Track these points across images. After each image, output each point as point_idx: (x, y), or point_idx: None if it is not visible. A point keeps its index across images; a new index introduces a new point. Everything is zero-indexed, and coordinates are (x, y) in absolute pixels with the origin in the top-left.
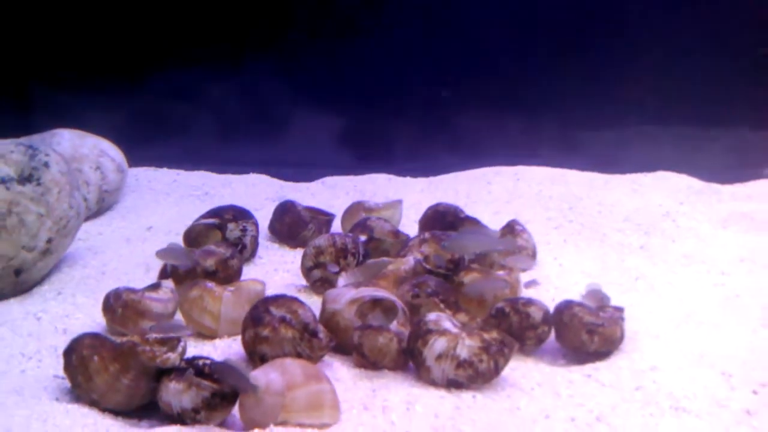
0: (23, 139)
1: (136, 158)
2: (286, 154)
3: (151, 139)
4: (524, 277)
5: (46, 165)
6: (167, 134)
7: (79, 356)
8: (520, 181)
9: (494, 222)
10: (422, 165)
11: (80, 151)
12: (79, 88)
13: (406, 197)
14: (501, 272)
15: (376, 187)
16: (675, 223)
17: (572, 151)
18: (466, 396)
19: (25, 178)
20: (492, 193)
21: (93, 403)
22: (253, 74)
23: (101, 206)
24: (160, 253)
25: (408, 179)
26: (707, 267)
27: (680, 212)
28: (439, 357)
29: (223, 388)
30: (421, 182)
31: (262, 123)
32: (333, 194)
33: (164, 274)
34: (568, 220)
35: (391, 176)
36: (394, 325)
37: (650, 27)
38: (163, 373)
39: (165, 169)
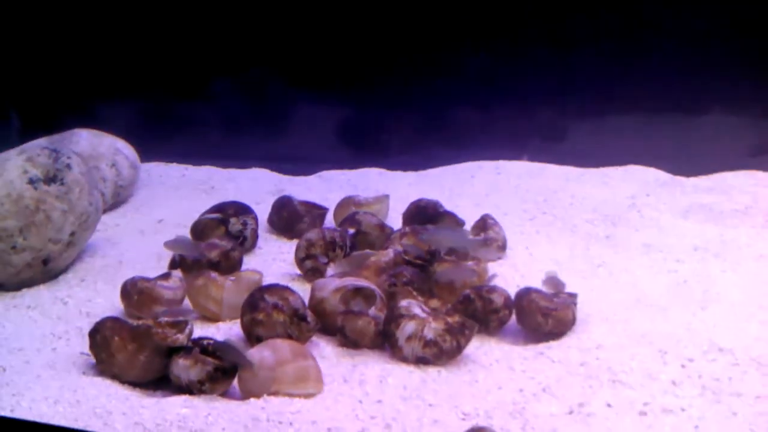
0: (47, 140)
1: (148, 154)
2: (287, 150)
3: (162, 137)
4: (493, 267)
5: (68, 167)
6: (176, 132)
7: (102, 337)
8: (500, 175)
9: (474, 213)
10: (414, 159)
11: (97, 149)
12: (97, 90)
13: (396, 191)
14: (470, 263)
15: (368, 181)
16: (640, 214)
17: (553, 146)
18: (432, 371)
19: (50, 179)
20: (474, 186)
21: (114, 377)
22: (254, 75)
23: (117, 200)
24: (168, 244)
25: (398, 173)
26: (664, 255)
27: (646, 203)
28: (409, 338)
29: (224, 363)
30: (410, 176)
31: (264, 120)
32: (328, 188)
33: (174, 264)
34: (542, 212)
35: (383, 170)
36: (372, 311)
37: (630, 25)
38: (173, 351)
39: (174, 165)
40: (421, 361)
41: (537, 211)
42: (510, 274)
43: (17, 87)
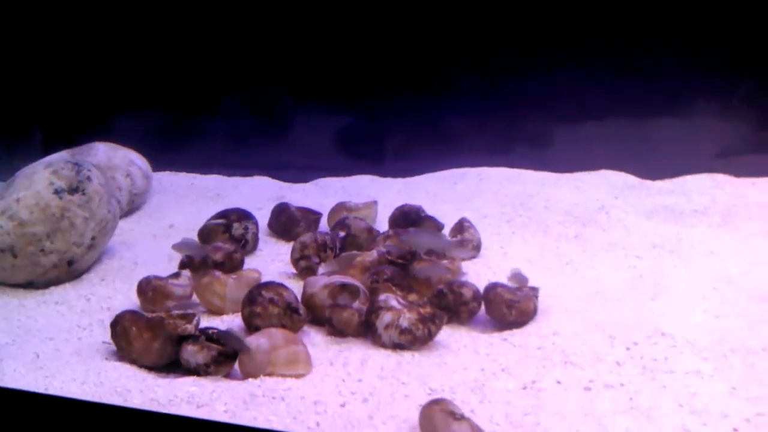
0: (68, 152)
1: (159, 164)
2: (287, 159)
3: (172, 148)
4: (468, 265)
5: (89, 179)
6: (185, 143)
7: (121, 327)
8: (482, 181)
9: (456, 217)
10: (404, 166)
11: (113, 161)
12: (112, 107)
13: (385, 197)
14: (445, 261)
15: (360, 188)
16: (608, 215)
17: (532, 154)
18: (407, 355)
19: (73, 189)
20: (457, 191)
21: (133, 362)
22: (257, 91)
23: (132, 207)
24: (176, 246)
25: (389, 180)
26: (626, 252)
27: (614, 206)
28: (387, 326)
29: (226, 349)
30: (399, 182)
31: (266, 132)
32: (324, 194)
33: (183, 265)
34: (519, 214)
35: (375, 177)
36: (356, 304)
37: (601, 41)
38: (183, 338)
39: (183, 174)
40: (397, 346)
41: (514, 213)
42: (483, 271)
43: (40, 104)
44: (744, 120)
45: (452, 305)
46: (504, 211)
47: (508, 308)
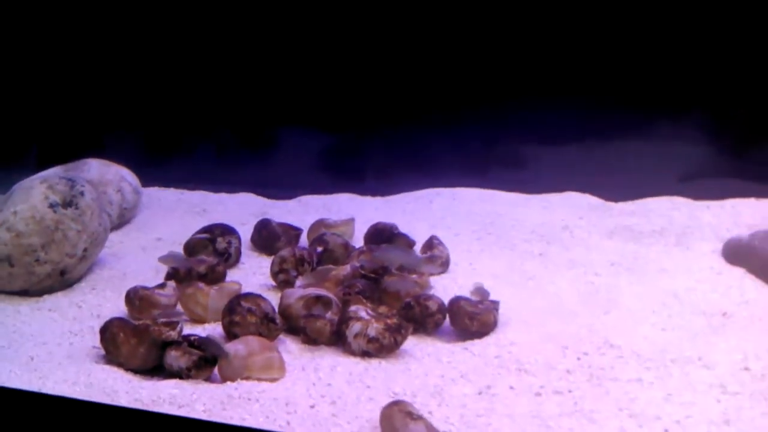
0: (62, 168)
1: (148, 180)
2: (271, 177)
3: (161, 165)
4: (437, 280)
5: (82, 194)
6: (173, 160)
7: (110, 333)
8: (455, 201)
9: (430, 234)
10: (382, 186)
11: (105, 177)
12: (104, 125)
13: (363, 214)
14: (414, 276)
15: (340, 205)
16: (571, 235)
17: (504, 176)
18: (374, 362)
19: (67, 204)
20: (432, 210)
21: (120, 365)
22: (242, 111)
23: (122, 220)
24: (162, 259)
25: (367, 198)
26: (585, 269)
27: (577, 225)
28: (356, 335)
29: (206, 354)
30: (377, 201)
31: (252, 151)
32: (305, 211)
33: (169, 276)
34: (488, 232)
35: (354, 196)
36: (329, 314)
37: (571, 69)
38: (167, 344)
39: (172, 189)
40: (366, 354)
41: (483, 232)
42: (450, 286)
43: (36, 123)
44: (704, 146)
45: (419, 317)
46: (474, 229)
47: (470, 320)
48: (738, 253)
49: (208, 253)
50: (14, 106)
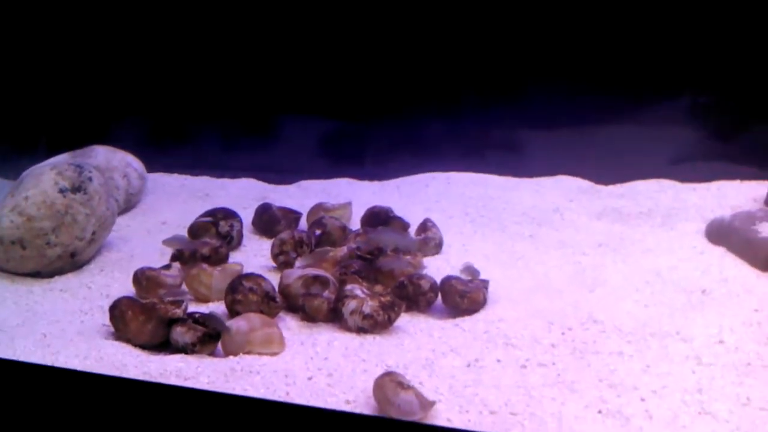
0: (70, 155)
1: (153, 166)
2: (271, 163)
3: (165, 151)
4: (431, 260)
5: (90, 179)
6: (177, 147)
7: (119, 311)
8: (450, 184)
9: (424, 217)
10: (379, 170)
11: (112, 163)
12: (110, 113)
13: (360, 198)
14: (408, 257)
15: (340, 190)
16: (561, 217)
17: (496, 160)
18: (369, 337)
19: (76, 189)
20: (427, 194)
21: (128, 341)
22: (244, 98)
23: (128, 205)
24: (166, 241)
25: (365, 183)
26: (573, 250)
27: (567, 208)
28: (352, 312)
29: (210, 330)
30: (375, 185)
31: (253, 137)
32: (305, 195)
33: (174, 258)
34: (481, 215)
35: (353, 180)
36: (326, 293)
37: (563, 58)
38: (173, 321)
39: (176, 175)
40: (361, 330)
41: (476, 214)
42: (443, 266)
43: (44, 112)
44: (692, 130)
45: (412, 295)
46: (468, 212)
47: (461, 298)
48: (720, 233)
49: (211, 236)
50: (22, 97)
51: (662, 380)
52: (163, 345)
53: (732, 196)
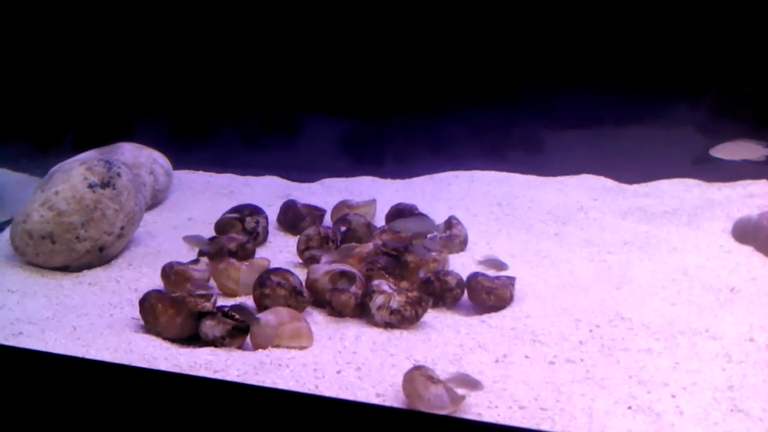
0: (97, 151)
1: (179, 163)
2: (295, 161)
3: (191, 149)
4: (456, 258)
5: (119, 175)
6: (203, 145)
7: (148, 304)
8: (473, 183)
9: (448, 215)
10: (402, 169)
11: (138, 160)
12: (137, 111)
13: (384, 196)
14: (434, 253)
15: (362, 188)
16: (586, 215)
17: (520, 158)
18: (396, 332)
19: (105, 184)
20: (450, 192)
21: (158, 334)
22: (268, 98)
23: (154, 201)
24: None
25: (388, 181)
26: (599, 248)
27: (592, 207)
28: (379, 307)
29: (239, 323)
30: (397, 183)
31: (277, 136)
32: (328, 193)
33: (202, 252)
34: (505, 213)
35: (376, 179)
36: (353, 288)
37: (591, 58)
38: (202, 315)
39: (201, 172)
40: (388, 325)
41: (501, 212)
42: (468, 263)
43: (71, 109)
44: (718, 129)
45: (438, 291)
46: (492, 210)
47: (488, 294)
48: (747, 232)
49: (238, 232)
50: (49, 95)
51: (692, 377)
52: (192, 338)
53: (758, 195)
